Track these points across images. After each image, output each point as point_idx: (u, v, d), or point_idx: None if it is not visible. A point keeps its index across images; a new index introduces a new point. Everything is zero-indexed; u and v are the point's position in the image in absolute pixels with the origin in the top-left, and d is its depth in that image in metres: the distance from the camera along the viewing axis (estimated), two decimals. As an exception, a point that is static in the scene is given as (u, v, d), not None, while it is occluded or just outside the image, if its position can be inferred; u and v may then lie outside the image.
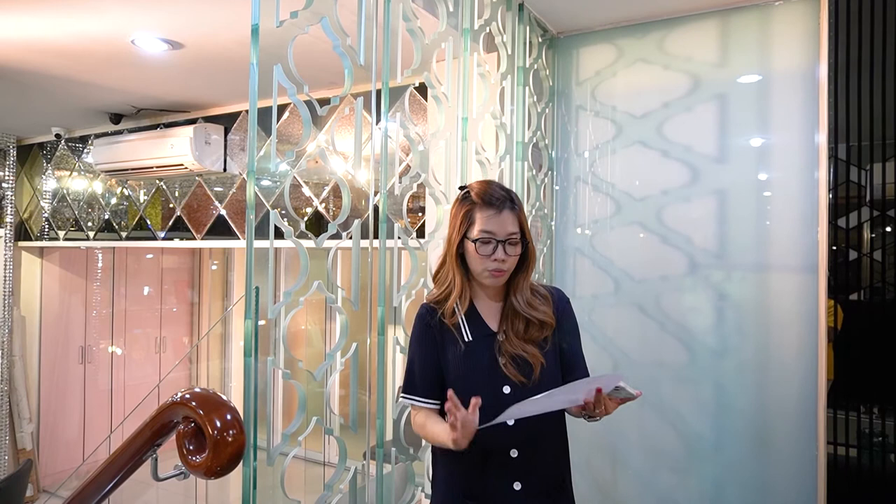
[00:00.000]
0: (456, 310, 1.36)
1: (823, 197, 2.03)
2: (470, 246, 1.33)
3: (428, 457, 1.84)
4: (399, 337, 1.73)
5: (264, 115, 2.51)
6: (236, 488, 4.54)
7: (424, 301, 1.44)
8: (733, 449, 2.19)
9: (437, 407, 1.39)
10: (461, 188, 1.41)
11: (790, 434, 2.10)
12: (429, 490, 1.84)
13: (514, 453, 1.33)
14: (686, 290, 2.27)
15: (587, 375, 1.41)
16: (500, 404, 1.29)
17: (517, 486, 1.32)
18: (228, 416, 1.18)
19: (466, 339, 1.35)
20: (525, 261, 1.38)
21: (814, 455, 2.04)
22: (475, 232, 1.32)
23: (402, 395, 1.42)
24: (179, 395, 1.23)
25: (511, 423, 1.32)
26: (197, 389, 1.23)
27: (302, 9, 1.38)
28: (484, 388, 1.27)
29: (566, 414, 1.42)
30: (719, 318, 2.23)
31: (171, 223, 3.80)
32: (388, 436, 1.72)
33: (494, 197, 1.34)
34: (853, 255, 2.02)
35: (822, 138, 2.03)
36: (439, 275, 1.42)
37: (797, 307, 2.10)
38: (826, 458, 1.98)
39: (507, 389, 1.31)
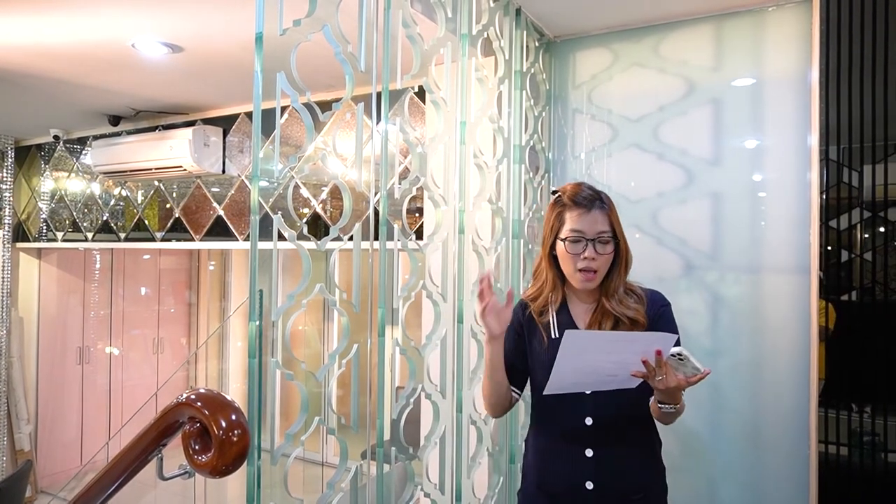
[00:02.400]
0: (547, 308, 1.42)
1: (815, 198, 2.06)
2: (561, 246, 1.36)
3: (427, 456, 1.86)
4: (398, 338, 1.76)
5: (265, 119, 2.53)
6: (234, 489, 4.56)
7: (520, 297, 1.52)
8: (727, 447, 2.22)
9: (512, 391, 1.47)
10: (553, 192, 1.44)
11: (783, 433, 2.14)
12: (427, 489, 1.87)
13: (589, 453, 1.35)
14: (681, 291, 2.30)
15: None
16: (583, 403, 1.35)
17: (589, 485, 1.34)
18: (233, 417, 1.20)
19: (553, 336, 1.39)
20: (618, 260, 1.38)
21: (806, 453, 2.07)
22: (565, 231, 1.35)
23: None
24: (185, 395, 1.25)
25: (589, 422, 1.35)
26: (202, 390, 1.25)
27: (304, 17, 1.40)
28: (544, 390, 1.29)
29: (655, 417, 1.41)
30: (714, 319, 2.26)
31: (169, 224, 3.81)
32: (388, 436, 1.74)
33: (583, 196, 1.36)
34: (846, 255, 2.05)
35: (814, 140, 2.06)
36: (535, 272, 1.48)
37: (790, 308, 2.14)
38: (818, 457, 2.01)
39: (575, 391, 1.33)
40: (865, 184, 2.05)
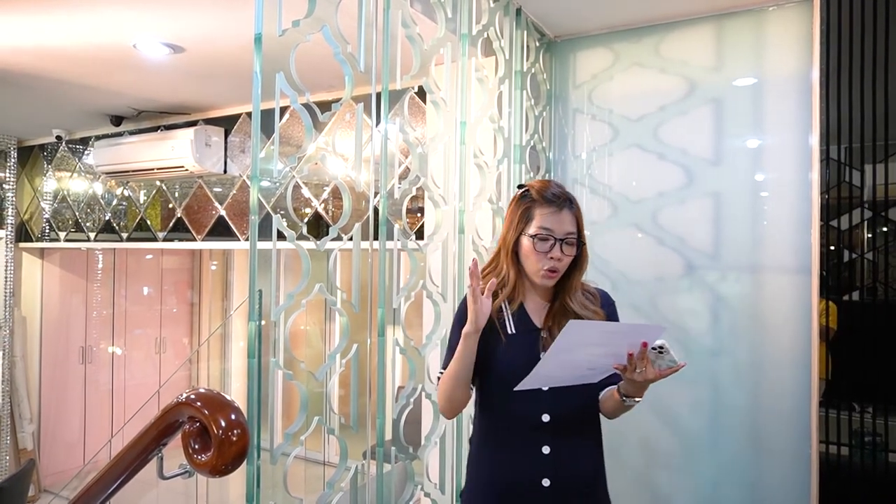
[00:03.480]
0: (504, 307, 1.38)
1: (816, 198, 2.06)
2: (527, 243, 1.34)
3: (427, 456, 1.87)
4: (399, 338, 1.76)
5: (266, 119, 2.54)
6: (235, 488, 4.57)
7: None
8: (728, 447, 2.22)
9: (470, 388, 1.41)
10: (520, 187, 1.42)
11: (784, 433, 2.13)
12: (428, 488, 1.87)
13: (546, 450, 1.33)
14: (682, 291, 2.30)
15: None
16: (540, 400, 1.32)
17: (546, 482, 1.32)
18: (233, 416, 1.20)
19: (510, 332, 1.36)
20: (578, 262, 1.38)
21: (807, 454, 2.07)
22: (534, 228, 1.33)
23: (439, 373, 1.44)
24: (185, 395, 1.25)
25: (546, 419, 1.33)
26: (202, 390, 1.26)
27: (304, 17, 1.41)
28: (516, 386, 1.26)
29: (600, 414, 1.43)
30: (714, 319, 2.26)
31: (171, 224, 3.82)
32: (388, 435, 1.74)
33: (555, 195, 1.34)
34: (847, 255, 2.04)
35: (815, 140, 2.06)
36: (487, 270, 1.43)
37: (792, 308, 2.13)
38: (818, 457, 2.01)
39: (545, 386, 1.32)
40: (867, 183, 2.04)
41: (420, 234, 2.75)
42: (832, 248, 2.06)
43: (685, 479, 2.28)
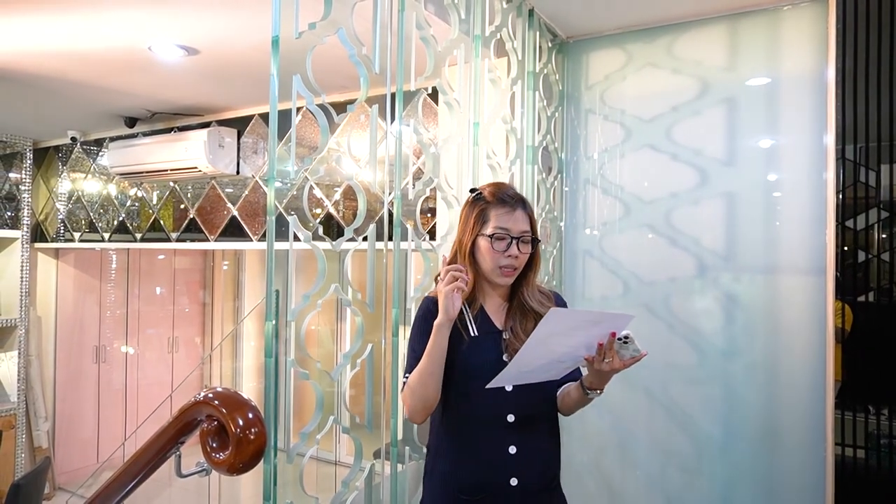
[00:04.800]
0: (464, 308, 1.39)
1: (831, 198, 2.04)
2: (484, 243, 1.37)
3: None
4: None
5: (280, 121, 2.55)
6: (247, 487, 4.59)
7: (428, 296, 1.45)
8: (742, 449, 2.21)
9: None
10: (472, 191, 1.45)
11: (798, 435, 2.12)
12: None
13: (512, 450, 1.35)
14: (695, 291, 2.30)
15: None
16: (504, 400, 1.34)
17: (514, 482, 1.34)
18: (250, 415, 1.22)
19: (472, 335, 1.38)
20: (534, 260, 1.43)
21: (822, 456, 2.06)
22: (490, 228, 1.36)
23: (403, 378, 1.42)
24: (202, 394, 1.27)
25: (511, 419, 1.35)
26: (219, 389, 1.27)
27: (320, 20, 1.42)
28: (489, 384, 1.28)
29: (558, 409, 1.45)
30: (728, 320, 2.25)
31: (184, 225, 3.85)
32: (401, 435, 1.75)
33: (508, 195, 1.39)
34: (863, 256, 2.03)
35: (830, 140, 2.04)
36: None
37: (806, 309, 2.12)
38: (833, 459, 2.00)
39: (509, 386, 1.35)
40: (883, 183, 2.03)
41: (432, 235, 2.76)
42: (847, 248, 2.04)
43: (699, 480, 2.27)
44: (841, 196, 2.04)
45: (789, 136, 2.18)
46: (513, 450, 1.35)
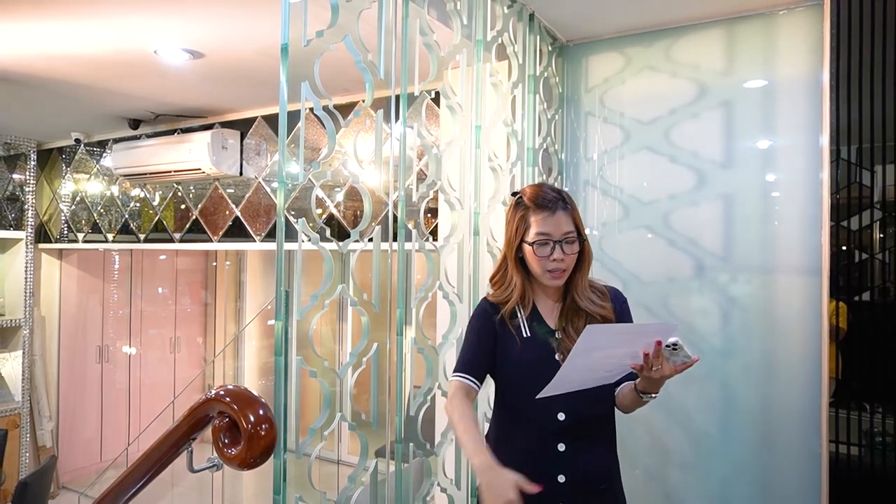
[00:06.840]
0: (518, 311, 1.42)
1: (826, 198, 2.08)
2: (528, 249, 1.38)
3: (443, 452, 1.91)
4: (416, 338, 1.80)
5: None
6: (248, 486, 4.63)
7: (486, 297, 1.49)
8: (739, 447, 2.25)
9: (473, 385, 1.42)
10: (514, 194, 1.45)
11: (794, 432, 2.16)
12: (444, 484, 1.91)
13: (561, 447, 1.37)
14: (693, 291, 2.33)
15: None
16: (555, 399, 1.33)
17: (561, 478, 1.36)
18: (261, 412, 1.25)
19: (525, 335, 1.40)
20: (582, 258, 1.41)
21: (817, 453, 2.09)
22: (532, 235, 1.36)
23: (454, 373, 1.45)
24: (214, 391, 1.30)
25: (562, 417, 1.36)
26: (230, 386, 1.31)
27: (327, 27, 1.45)
28: (541, 383, 1.28)
29: (615, 409, 1.46)
30: (726, 320, 2.29)
31: (187, 225, 3.89)
32: (405, 432, 1.79)
33: (547, 199, 1.38)
34: (859, 256, 2.06)
35: (825, 140, 2.08)
36: (497, 278, 1.47)
37: (802, 308, 2.16)
38: (829, 457, 2.03)
39: (565, 392, 1.33)
40: (878, 184, 2.06)
41: (434, 236, 2.79)
42: (843, 248, 2.07)
43: (697, 477, 2.31)
44: (837, 196, 2.07)
45: (786, 138, 2.22)
46: (562, 447, 1.36)
